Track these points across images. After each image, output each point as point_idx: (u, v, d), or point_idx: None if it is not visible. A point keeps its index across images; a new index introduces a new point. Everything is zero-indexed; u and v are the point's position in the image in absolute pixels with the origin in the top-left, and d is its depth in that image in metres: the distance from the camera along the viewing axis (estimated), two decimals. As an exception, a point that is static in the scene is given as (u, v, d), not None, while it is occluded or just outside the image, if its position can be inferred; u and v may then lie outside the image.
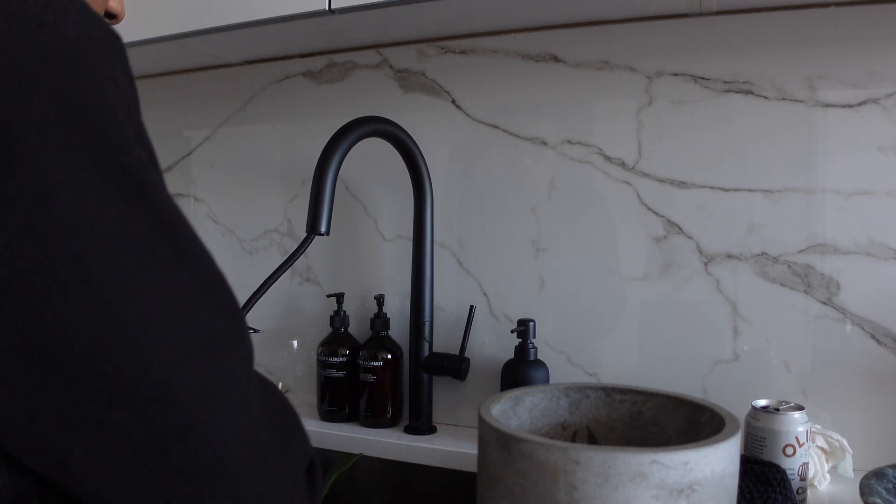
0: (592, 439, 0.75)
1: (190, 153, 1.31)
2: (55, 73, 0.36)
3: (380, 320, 1.08)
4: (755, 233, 0.92)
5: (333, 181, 0.88)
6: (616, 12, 0.96)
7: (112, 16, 0.68)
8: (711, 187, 0.95)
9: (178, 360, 0.37)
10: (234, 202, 1.27)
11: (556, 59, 1.02)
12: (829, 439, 0.84)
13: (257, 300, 0.84)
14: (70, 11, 0.38)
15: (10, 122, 0.35)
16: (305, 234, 0.87)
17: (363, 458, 1.03)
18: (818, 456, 0.82)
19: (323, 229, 0.86)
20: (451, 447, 0.99)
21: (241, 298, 1.31)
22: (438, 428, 1.07)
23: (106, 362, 0.36)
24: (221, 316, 0.40)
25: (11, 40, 0.35)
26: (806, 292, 0.90)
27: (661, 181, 0.97)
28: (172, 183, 1.32)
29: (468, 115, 1.08)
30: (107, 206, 0.37)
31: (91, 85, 0.38)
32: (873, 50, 0.87)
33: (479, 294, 1.08)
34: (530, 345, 0.98)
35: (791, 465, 0.76)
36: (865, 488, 0.66)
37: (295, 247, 1.21)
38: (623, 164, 0.99)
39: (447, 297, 1.10)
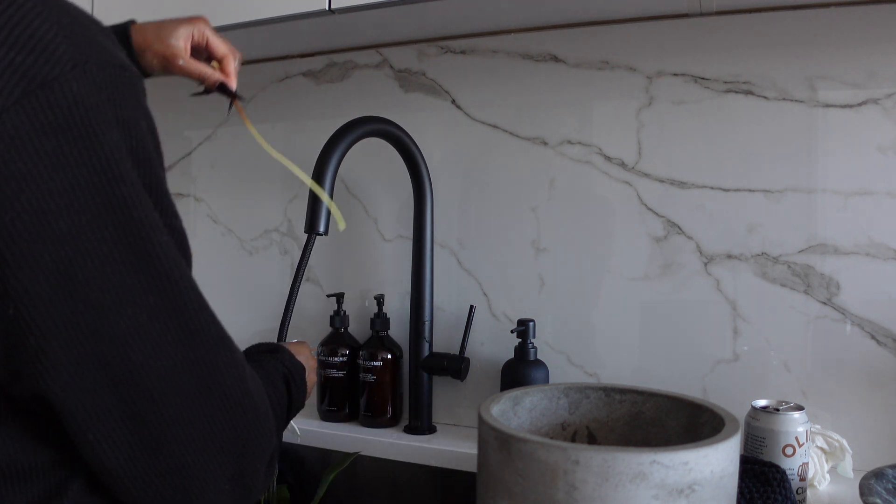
0: (592, 439, 0.75)
1: (190, 153, 1.31)
2: (57, 139, 0.38)
3: (380, 320, 1.08)
4: (755, 233, 0.92)
5: (332, 181, 0.88)
6: (616, 12, 0.96)
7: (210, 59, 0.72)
8: (711, 187, 0.95)
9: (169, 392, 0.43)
10: (234, 202, 1.27)
11: (556, 59, 1.02)
12: (829, 439, 0.84)
13: (289, 321, 0.85)
14: (78, 64, 0.39)
15: (19, 189, 0.37)
16: (306, 235, 0.87)
17: (363, 458, 1.03)
18: (818, 456, 0.82)
19: (321, 229, 0.86)
20: (450, 447, 0.99)
21: (242, 298, 1.30)
22: (438, 428, 1.07)
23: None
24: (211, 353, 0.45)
25: (17, 100, 0.37)
26: (806, 292, 0.90)
27: (661, 181, 0.97)
28: (173, 183, 1.32)
29: (468, 115, 1.08)
30: (106, 263, 0.40)
31: (93, 143, 0.39)
32: (873, 50, 0.87)
33: (479, 294, 1.08)
34: (530, 345, 0.98)
35: (791, 466, 0.76)
36: (865, 488, 0.66)
37: (295, 246, 1.21)
38: (623, 164, 0.99)
39: (447, 297, 1.10)
